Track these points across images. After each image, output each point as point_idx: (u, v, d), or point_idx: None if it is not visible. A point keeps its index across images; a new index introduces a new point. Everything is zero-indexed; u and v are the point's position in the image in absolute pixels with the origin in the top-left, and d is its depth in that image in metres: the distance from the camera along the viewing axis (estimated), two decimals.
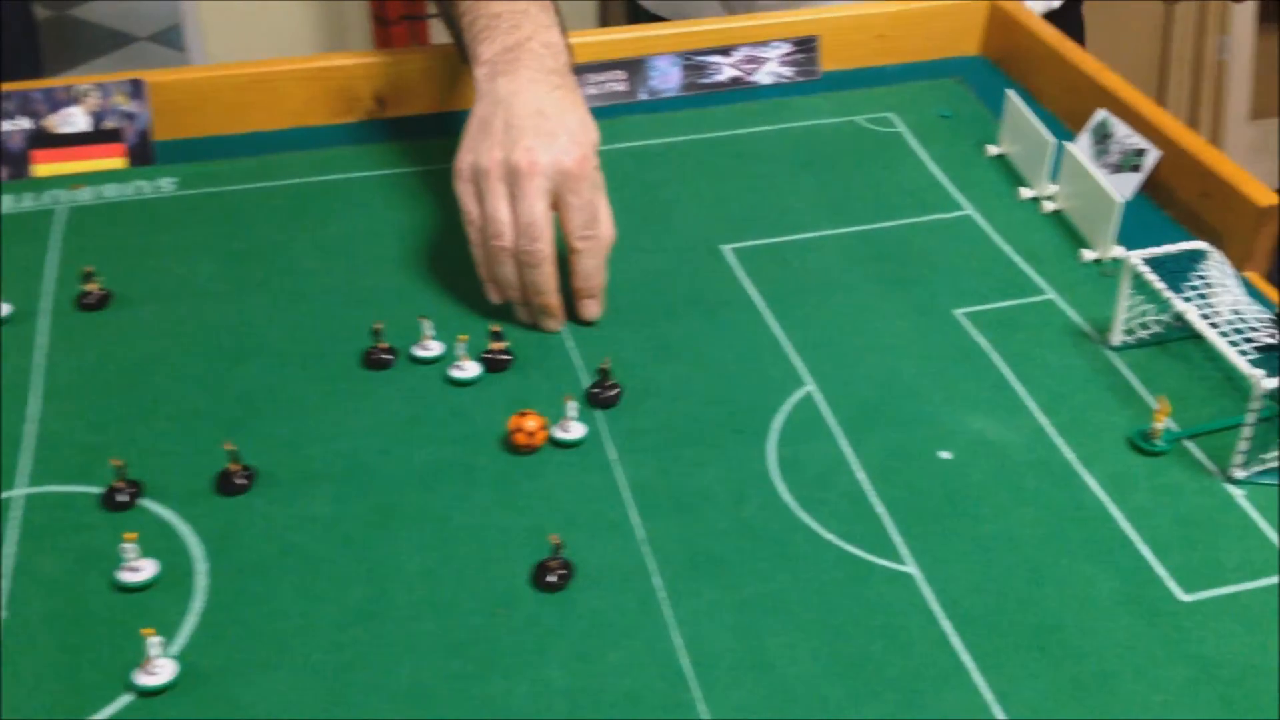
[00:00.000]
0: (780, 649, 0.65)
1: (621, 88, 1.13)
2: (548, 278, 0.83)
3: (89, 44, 3.21)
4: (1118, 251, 0.93)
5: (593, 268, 0.85)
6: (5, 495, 0.73)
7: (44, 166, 1.02)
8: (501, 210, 0.82)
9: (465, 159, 0.84)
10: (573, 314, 0.87)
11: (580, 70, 1.12)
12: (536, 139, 0.82)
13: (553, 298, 0.84)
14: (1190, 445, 0.78)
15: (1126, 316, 0.85)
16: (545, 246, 0.82)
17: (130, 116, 1.04)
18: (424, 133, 1.08)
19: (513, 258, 0.83)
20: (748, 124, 1.10)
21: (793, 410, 0.80)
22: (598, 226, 0.84)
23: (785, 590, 0.68)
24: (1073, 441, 0.78)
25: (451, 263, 0.93)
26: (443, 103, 1.11)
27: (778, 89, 1.16)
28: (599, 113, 1.12)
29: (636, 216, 0.98)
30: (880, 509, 0.73)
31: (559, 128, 0.83)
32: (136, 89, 1.04)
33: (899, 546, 0.71)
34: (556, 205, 0.83)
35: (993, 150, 1.06)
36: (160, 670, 0.63)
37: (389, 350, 0.83)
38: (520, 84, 0.85)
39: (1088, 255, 0.94)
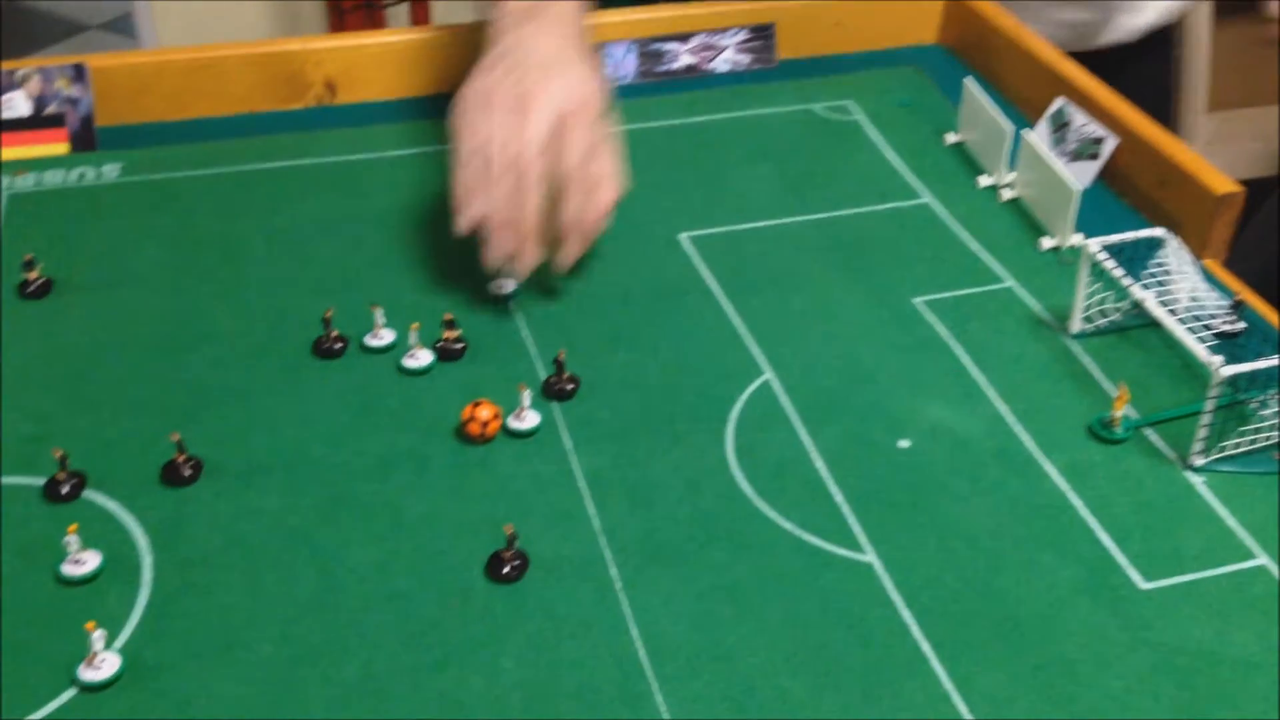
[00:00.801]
0: (738, 640, 0.64)
1: None
2: (532, 206, 0.81)
3: (41, 33, 3.15)
4: (1076, 239, 0.93)
5: (580, 206, 0.83)
6: None
7: None
8: (501, 132, 0.81)
9: (473, 86, 0.85)
10: (529, 289, 0.86)
11: None
12: (546, 76, 0.83)
13: (531, 228, 0.82)
14: (1150, 433, 0.78)
15: (1086, 304, 0.84)
16: (536, 173, 0.81)
17: (73, 102, 1.01)
18: (374, 119, 1.06)
19: (502, 181, 0.81)
20: (704, 112, 1.09)
21: (750, 399, 0.79)
22: (592, 167, 0.83)
23: (743, 581, 0.67)
24: (1032, 430, 0.78)
25: (404, 250, 0.91)
26: (394, 89, 1.09)
27: (734, 77, 1.15)
28: None
29: None
30: (839, 498, 0.73)
31: (569, 72, 0.84)
32: (79, 74, 1.01)
33: (858, 536, 0.70)
34: (556, 140, 0.82)
35: (951, 138, 1.06)
36: (104, 665, 0.61)
37: (340, 339, 0.82)
38: (538, 35, 0.87)
39: (1046, 243, 0.94)
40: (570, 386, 0.79)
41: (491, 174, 0.81)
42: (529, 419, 0.76)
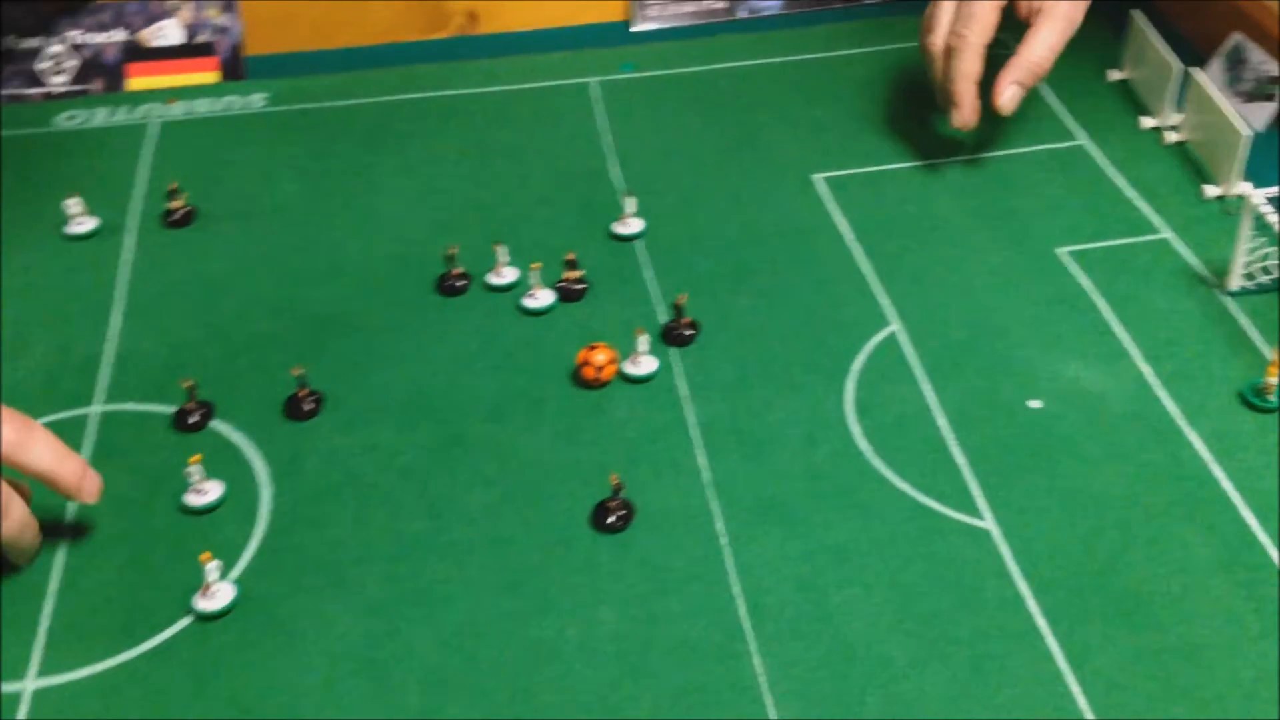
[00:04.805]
0: (843, 603, 0.63)
1: (721, 5, 1.08)
2: (935, 72, 0.90)
3: None
4: (1243, 188, 0.86)
5: (954, 70, 0.88)
6: (81, 412, 0.74)
7: (138, 80, 1.02)
8: (928, 25, 0.91)
9: None
10: None
11: None
12: None
13: (943, 90, 0.90)
14: None
15: (1247, 259, 0.79)
16: (932, 40, 0.90)
17: (223, 30, 1.03)
18: (514, 49, 1.05)
19: (931, 63, 0.91)
20: (851, 45, 1.05)
21: (875, 351, 0.76)
22: (972, 26, 0.87)
23: (853, 541, 0.66)
24: (1177, 394, 0.73)
25: (531, 186, 0.91)
26: (534, 20, 1.08)
27: (886, 8, 1.10)
28: (695, 31, 1.08)
29: (728, 140, 0.95)
30: (960, 459, 0.70)
31: None
32: (228, 3, 1.03)
33: (977, 500, 0.67)
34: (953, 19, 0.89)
35: (1114, 75, 1.00)
36: (218, 595, 0.63)
37: (463, 276, 0.82)
38: None
39: (1210, 191, 0.88)
40: (689, 332, 0.77)
41: (927, 58, 0.91)
42: (645, 364, 0.75)
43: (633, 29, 1.08)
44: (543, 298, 0.80)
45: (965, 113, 0.88)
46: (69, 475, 0.64)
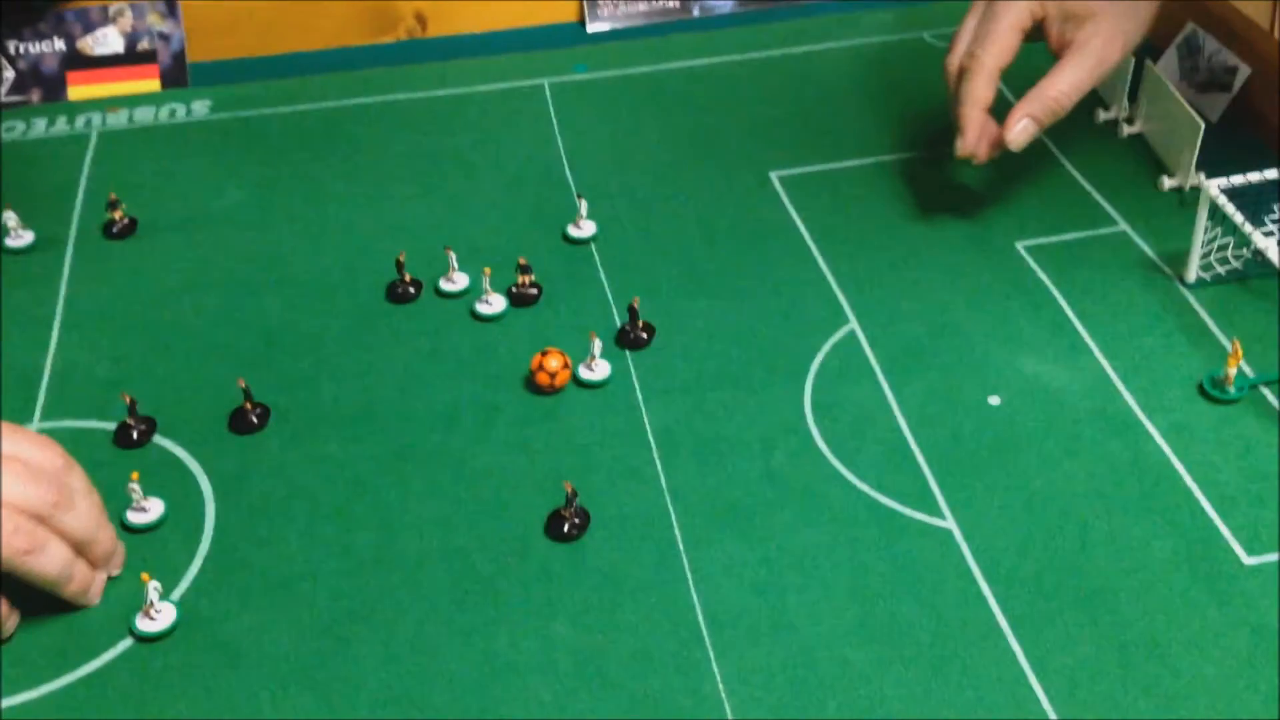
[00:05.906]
0: (803, 608, 0.61)
1: (674, 4, 1.07)
2: (950, 91, 0.83)
3: None
4: (1200, 179, 0.86)
5: (963, 93, 0.81)
6: None
7: (78, 89, 1.00)
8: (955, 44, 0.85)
9: None
10: None
11: None
12: None
13: (956, 112, 0.82)
14: (1266, 393, 0.72)
15: (1204, 250, 0.78)
16: (949, 60, 0.84)
17: (165, 37, 1.01)
18: (465, 52, 1.04)
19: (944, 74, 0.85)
20: (806, 42, 1.04)
21: (833, 350, 0.75)
22: (987, 48, 0.80)
23: (812, 545, 0.64)
24: (1136, 387, 0.72)
25: (482, 190, 0.89)
26: (484, 22, 1.07)
27: (839, 5, 1.09)
28: (649, 31, 1.07)
29: (683, 140, 0.94)
30: (920, 458, 0.69)
31: None
32: (170, 8, 1.01)
33: (938, 499, 0.66)
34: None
35: None
36: (160, 615, 0.61)
37: (414, 283, 0.80)
38: None
39: (1167, 183, 0.87)
40: (644, 335, 0.76)
41: (945, 79, 0.85)
42: (600, 369, 0.74)
43: (586, 29, 1.07)
44: (495, 303, 0.78)
45: (968, 140, 0.81)
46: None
